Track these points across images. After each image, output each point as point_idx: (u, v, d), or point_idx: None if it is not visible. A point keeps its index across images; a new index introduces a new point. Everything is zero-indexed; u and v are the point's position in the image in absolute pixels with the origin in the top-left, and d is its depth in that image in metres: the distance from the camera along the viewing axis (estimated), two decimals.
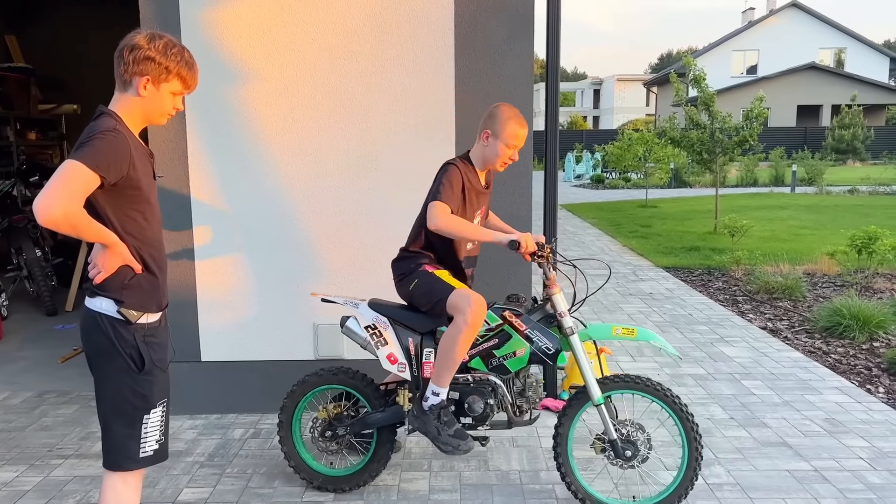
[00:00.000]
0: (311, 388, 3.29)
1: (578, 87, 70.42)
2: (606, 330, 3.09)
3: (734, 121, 11.43)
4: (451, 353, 2.97)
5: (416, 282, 3.09)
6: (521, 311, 3.09)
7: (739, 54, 40.99)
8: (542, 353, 3.04)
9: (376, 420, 3.24)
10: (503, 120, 3.07)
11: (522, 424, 3.16)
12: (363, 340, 3.20)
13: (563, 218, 14.38)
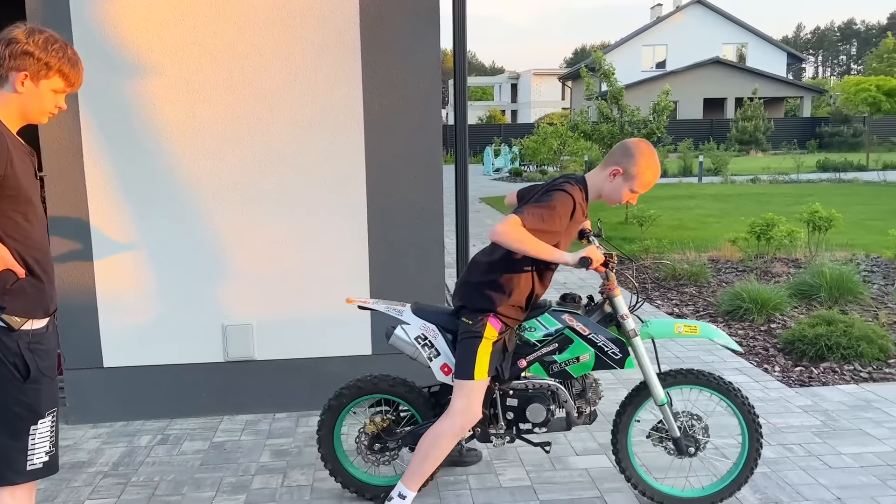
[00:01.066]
0: (352, 400, 3.12)
1: (496, 82, 71.19)
2: (668, 328, 2.96)
3: (642, 114, 11.79)
4: (435, 451, 2.84)
5: (469, 323, 2.83)
6: (580, 313, 2.95)
7: (649, 49, 42.36)
8: (609, 357, 2.90)
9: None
10: (640, 167, 2.75)
11: (581, 425, 3.07)
12: (413, 351, 3.02)
13: (483, 211, 14.53)
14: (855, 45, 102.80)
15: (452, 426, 2.82)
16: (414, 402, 3.10)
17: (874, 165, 23.01)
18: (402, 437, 3.10)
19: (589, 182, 2.86)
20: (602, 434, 3.84)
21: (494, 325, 2.83)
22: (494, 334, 2.83)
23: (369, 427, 3.14)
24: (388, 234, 4.11)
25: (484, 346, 2.80)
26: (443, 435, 2.83)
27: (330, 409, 3.12)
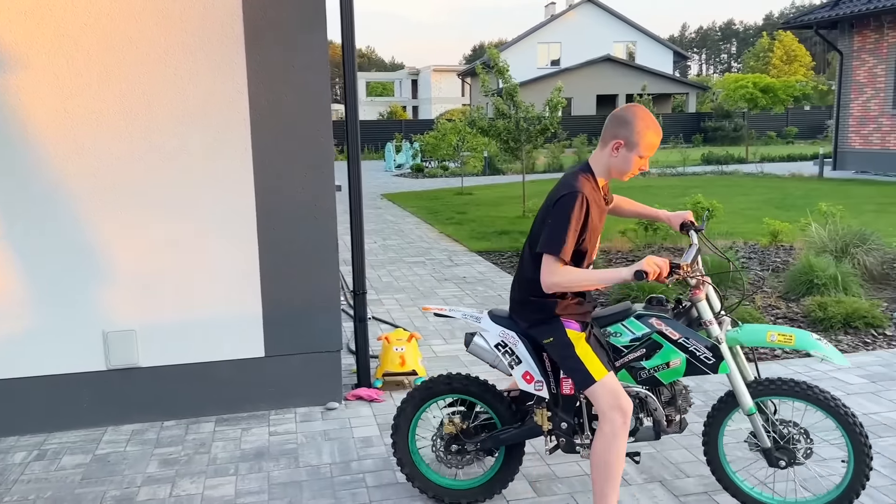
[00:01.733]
0: (432, 397, 3.03)
1: (396, 78, 71.12)
2: (760, 335, 2.78)
3: (537, 110, 12.05)
4: (607, 466, 2.65)
5: (551, 340, 2.76)
6: (669, 317, 2.82)
7: (544, 46, 43.38)
8: (702, 363, 2.75)
9: (511, 437, 3.01)
10: (639, 130, 2.67)
11: (672, 433, 2.92)
12: (493, 358, 2.93)
13: (384, 207, 14.49)
14: (735, 45, 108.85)
15: (614, 426, 2.63)
16: (495, 406, 3.00)
17: (752, 158, 24.46)
18: (482, 441, 3.00)
19: (594, 165, 2.78)
20: None
21: (571, 326, 2.74)
22: (578, 334, 2.74)
23: (448, 427, 3.03)
24: (279, 232, 4.03)
25: (580, 348, 2.70)
26: (609, 441, 2.64)
27: (404, 409, 3.03)
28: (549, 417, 2.92)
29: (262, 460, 3.54)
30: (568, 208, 2.60)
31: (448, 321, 5.97)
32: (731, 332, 2.80)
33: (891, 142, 18.32)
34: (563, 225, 2.60)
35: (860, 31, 18.89)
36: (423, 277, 7.72)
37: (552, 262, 2.60)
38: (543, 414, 2.92)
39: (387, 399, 4.28)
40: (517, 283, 2.89)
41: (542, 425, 2.93)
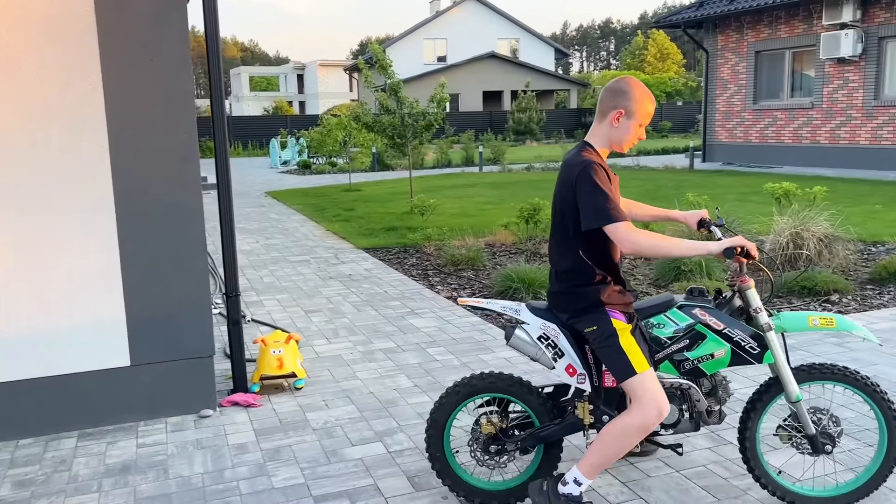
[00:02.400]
0: (468, 397, 2.91)
1: (281, 72, 69.55)
2: (802, 321, 2.83)
3: (421, 106, 12.09)
4: (616, 445, 2.66)
5: (594, 329, 2.70)
6: (712, 307, 2.81)
7: (430, 42, 43.62)
8: (747, 353, 2.75)
9: (552, 434, 2.91)
10: (637, 98, 2.72)
11: (712, 424, 2.90)
12: (535, 352, 2.84)
13: (268, 205, 14.13)
14: (613, 43, 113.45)
15: (646, 420, 2.61)
16: (532, 404, 2.91)
17: (630, 151, 25.58)
18: (521, 440, 2.92)
19: (593, 140, 2.78)
20: (381, 421, 3.88)
21: (615, 316, 2.70)
22: (623, 324, 2.70)
23: (486, 427, 2.92)
24: (142, 233, 3.82)
25: (624, 338, 2.66)
26: (631, 428, 2.63)
27: (442, 406, 2.91)
28: (590, 411, 2.87)
29: (128, 474, 3.36)
30: (590, 178, 2.60)
31: (331, 320, 5.89)
32: (774, 320, 2.81)
33: (752, 135, 19.64)
34: (598, 192, 2.58)
35: (723, 31, 20.12)
36: (307, 276, 7.58)
37: (619, 228, 2.57)
38: (585, 407, 2.87)
39: (264, 403, 4.16)
40: (555, 276, 2.84)
41: (583, 419, 2.87)
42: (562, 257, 2.78)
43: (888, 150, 16.41)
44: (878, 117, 16.58)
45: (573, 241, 2.72)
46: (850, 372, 2.83)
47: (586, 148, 2.75)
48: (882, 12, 16.28)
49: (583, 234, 2.69)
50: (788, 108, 18.60)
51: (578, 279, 2.73)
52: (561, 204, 2.75)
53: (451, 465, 2.98)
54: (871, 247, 8.15)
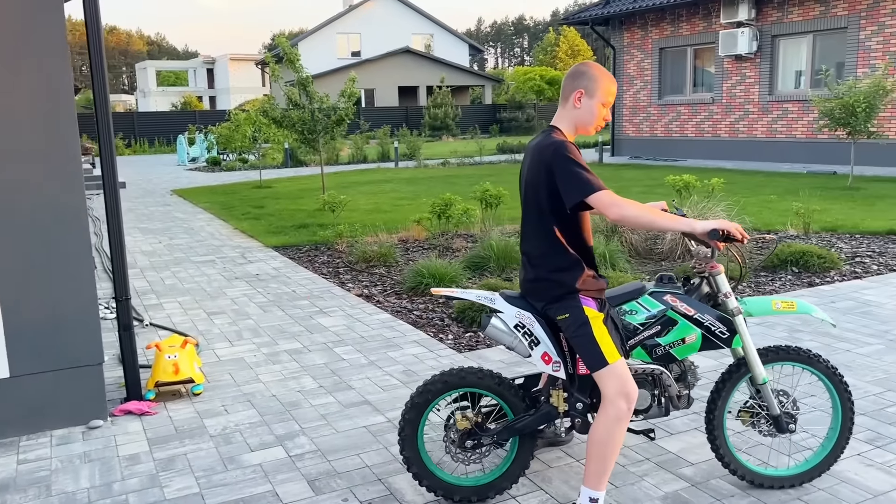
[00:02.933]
0: (440, 395, 2.85)
1: (190, 67, 67.34)
2: (766, 305, 2.91)
3: (332, 101, 11.90)
4: (608, 446, 2.64)
5: (567, 316, 2.70)
6: (682, 294, 2.85)
7: (343, 37, 43.11)
8: (717, 337, 2.81)
9: (528, 424, 2.89)
10: (595, 77, 2.72)
11: (681, 409, 2.95)
12: (511, 341, 2.81)
13: (174, 204, 13.62)
14: (526, 39, 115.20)
15: (619, 412, 2.62)
16: (505, 396, 2.88)
17: None
18: (497, 433, 2.89)
19: (559, 124, 2.76)
20: (282, 425, 3.78)
21: (588, 304, 2.71)
22: (595, 312, 2.70)
23: (461, 423, 2.88)
24: (18, 236, 3.58)
25: (596, 326, 2.67)
26: (612, 424, 2.63)
27: (414, 406, 2.84)
28: (565, 399, 2.88)
29: (6, 493, 3.14)
30: (566, 155, 2.58)
31: (235, 322, 5.71)
32: (741, 305, 2.89)
33: (658, 129, 20.32)
34: (576, 167, 2.57)
35: (629, 28, 20.71)
36: (212, 277, 7.34)
37: (602, 196, 2.54)
38: (560, 395, 2.88)
39: (160, 411, 3.98)
40: (528, 263, 2.82)
41: (557, 407, 2.88)
42: (535, 243, 2.78)
43: (782, 143, 17.28)
44: (772, 112, 17.44)
45: (547, 225, 2.72)
46: (808, 353, 2.96)
47: (555, 131, 2.74)
48: (774, 11, 17.12)
49: (558, 217, 2.70)
50: (691, 104, 19.33)
51: (552, 265, 2.74)
52: (533, 189, 2.72)
53: (427, 464, 2.93)
54: (765, 235, 8.54)
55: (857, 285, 6.24)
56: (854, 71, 15.44)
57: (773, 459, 3.26)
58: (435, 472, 2.93)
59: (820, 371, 2.97)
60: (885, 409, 3.76)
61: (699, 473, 3.17)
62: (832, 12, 16.00)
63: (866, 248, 7.70)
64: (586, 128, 2.77)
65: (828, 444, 3.05)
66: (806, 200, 9.28)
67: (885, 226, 8.66)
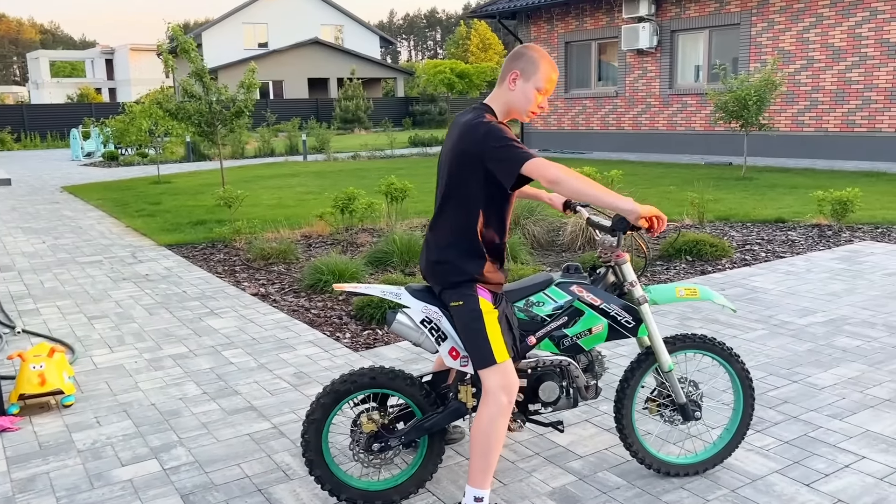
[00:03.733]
0: (344, 398, 2.72)
1: (87, 57, 64.12)
2: (670, 293, 2.90)
3: (231, 92, 11.47)
4: (490, 441, 2.57)
5: (461, 304, 2.62)
6: (588, 284, 2.83)
7: (250, 27, 41.92)
8: (623, 327, 2.81)
9: (436, 423, 2.78)
10: (535, 60, 2.58)
11: (588, 399, 2.93)
12: (417, 337, 2.73)
13: (63, 202, 12.85)
14: (439, 32, 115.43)
15: (499, 405, 2.56)
16: (413, 395, 2.78)
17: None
18: (405, 433, 2.78)
19: (493, 104, 2.64)
20: (159, 436, 3.54)
21: (485, 296, 2.62)
22: (490, 307, 2.62)
23: (367, 426, 2.76)
24: None
25: (489, 322, 2.59)
26: (493, 418, 2.56)
27: (321, 406, 2.70)
28: (473, 394, 2.79)
29: None
30: (499, 135, 2.46)
31: (118, 326, 5.38)
32: (646, 293, 2.89)
33: (565, 123, 20.66)
34: (510, 144, 2.45)
35: (536, 22, 20.95)
36: (97, 279, 6.91)
37: (536, 162, 2.41)
38: (468, 391, 2.79)
39: (24, 426, 3.67)
40: (433, 244, 2.70)
41: (466, 403, 2.79)
42: (447, 224, 2.65)
43: (682, 135, 17.88)
44: (672, 105, 18.01)
45: (466, 207, 2.59)
46: (713, 341, 2.98)
47: (486, 111, 2.61)
48: (673, 7, 17.66)
49: (480, 201, 2.58)
50: (596, 97, 19.74)
51: (459, 249, 2.63)
52: (457, 167, 2.56)
53: (331, 467, 2.79)
54: None
55: (745, 272, 6.46)
56: (747, 66, 16.12)
57: (677, 447, 3.29)
58: (340, 476, 2.81)
59: (723, 358, 3.01)
60: (767, 394, 3.86)
61: (587, 466, 3.15)
62: (726, 9, 16.64)
63: (756, 235, 8.01)
64: (519, 113, 2.66)
65: (731, 428, 3.10)
66: (701, 191, 9.59)
67: (774, 214, 9.05)
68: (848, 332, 4.79)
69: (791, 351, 4.48)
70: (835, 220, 8.34)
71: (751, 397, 3.06)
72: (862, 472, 3.04)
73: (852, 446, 3.26)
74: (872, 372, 4.11)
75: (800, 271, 6.41)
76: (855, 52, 14.62)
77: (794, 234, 7.98)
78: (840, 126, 15.03)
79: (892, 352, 4.41)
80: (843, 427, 3.45)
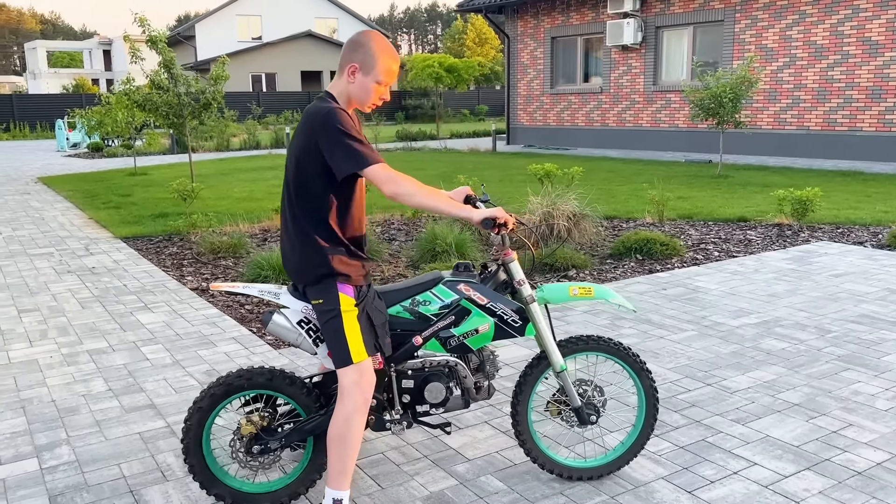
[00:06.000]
0: (222, 400, 2.65)
1: (85, 47, 63.91)
2: (563, 292, 2.82)
3: (201, 84, 11.39)
4: (349, 436, 2.52)
5: (321, 302, 2.55)
6: (476, 282, 2.76)
7: (244, 19, 41.79)
8: (510, 326, 2.75)
9: (318, 425, 2.70)
10: (374, 53, 2.52)
11: (481, 400, 2.86)
12: (295, 338, 2.69)
13: (35, 192, 12.79)
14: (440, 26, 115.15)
15: (354, 403, 2.52)
16: (295, 396, 2.71)
17: (444, 134, 25.99)
18: (285, 436, 2.70)
19: (335, 93, 2.57)
20: (47, 434, 3.47)
21: (346, 291, 2.55)
22: (351, 303, 2.55)
23: (246, 428, 2.68)
24: None
25: (347, 321, 2.54)
26: (349, 416, 2.52)
27: (198, 410, 2.63)
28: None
29: None
30: (335, 125, 2.40)
31: (46, 320, 5.31)
32: (537, 293, 2.83)
33: (551, 118, 20.56)
34: (347, 137, 2.40)
35: (522, 17, 20.83)
36: (42, 271, 6.84)
37: (377, 169, 2.38)
38: None
39: None
40: (287, 240, 2.60)
41: None
42: (297, 219, 2.55)
43: (665, 132, 17.79)
44: (656, 101, 17.91)
45: (313, 197, 2.51)
46: (612, 342, 2.90)
47: (330, 98, 2.56)
48: (658, 3, 17.54)
49: (325, 190, 2.50)
50: (581, 93, 19.64)
51: (314, 243, 2.53)
52: (303, 156, 2.48)
53: (207, 461, 2.72)
54: (624, 223, 8.69)
55: (692, 272, 6.39)
56: (730, 62, 16.01)
57: (581, 450, 3.22)
58: (214, 470, 2.73)
59: (623, 360, 2.93)
60: (676, 397, 3.79)
61: (472, 470, 3.09)
62: (710, 5, 16.52)
63: (714, 234, 7.94)
64: (361, 105, 2.61)
65: (633, 432, 3.01)
66: (661, 188, 9.50)
67: (737, 213, 8.97)
68: (777, 334, 4.72)
69: (714, 353, 4.40)
70: (795, 220, 8.26)
71: (653, 400, 2.96)
72: (748, 479, 2.97)
73: (747, 452, 3.20)
74: (790, 375, 4.04)
75: (747, 271, 6.34)
76: (837, 49, 14.52)
77: (752, 234, 7.90)
78: (821, 125, 14.93)
79: (815, 355, 4.34)
80: (743, 432, 3.38)
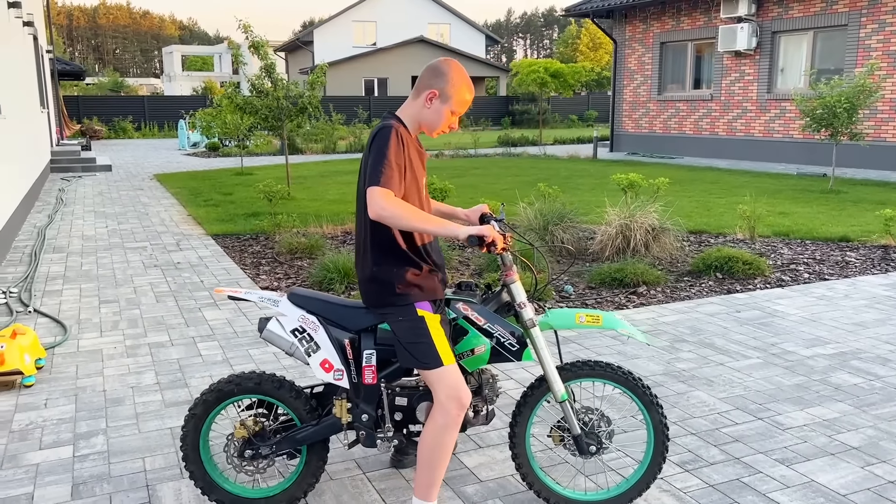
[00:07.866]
0: (221, 402, 2.73)
1: (216, 52, 67.90)
2: (569, 318, 2.72)
3: (299, 88, 11.77)
4: (441, 450, 2.54)
5: (401, 322, 2.56)
6: (476, 302, 2.71)
7: (359, 25, 42.95)
8: (506, 349, 2.66)
9: (309, 436, 2.74)
10: (453, 82, 2.59)
11: (478, 425, 2.78)
12: (289, 346, 2.71)
13: (148, 189, 13.63)
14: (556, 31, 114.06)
15: (448, 417, 2.51)
16: (284, 399, 2.74)
17: (547, 140, 25.68)
18: (276, 443, 2.74)
19: (404, 116, 2.63)
20: (89, 423, 3.66)
21: (424, 308, 2.57)
22: (431, 314, 2.58)
23: (239, 432, 2.75)
24: None
25: (432, 327, 2.55)
26: (442, 430, 2.52)
27: (192, 417, 2.71)
28: (349, 409, 2.73)
29: None
30: (384, 141, 2.46)
31: (121, 312, 5.62)
32: (542, 318, 2.73)
33: (657, 126, 19.88)
34: (381, 157, 2.44)
35: (630, 21, 20.26)
36: (132, 264, 7.26)
37: (375, 191, 2.40)
38: (343, 406, 2.73)
39: None
40: (361, 259, 2.63)
41: (341, 418, 2.73)
42: (368, 238, 2.57)
43: (778, 142, 16.79)
44: (770, 110, 16.94)
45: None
46: (616, 369, 2.74)
47: (394, 119, 2.59)
48: (775, 7, 16.59)
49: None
50: (690, 100, 18.87)
51: (387, 264, 2.55)
52: (364, 171, 2.55)
53: (207, 467, 2.78)
54: (712, 238, 8.24)
55: (774, 294, 5.95)
56: (853, 70, 14.91)
57: (588, 482, 3.06)
58: (213, 476, 2.80)
59: (632, 391, 2.75)
60: (720, 430, 3.53)
61: (480, 492, 2.98)
62: (833, 9, 15.46)
63: (809, 254, 7.38)
64: (430, 130, 2.65)
65: (639, 469, 2.83)
66: (760, 202, 8.94)
67: (840, 232, 8.31)
68: (852, 367, 4.31)
69: (775, 384, 4.07)
70: None
71: (662, 432, 2.75)
72: None
73: (784, 497, 2.92)
74: (855, 415, 3.67)
75: (836, 296, 5.84)
76: None
77: (852, 256, 7.28)
78: None
79: (890, 393, 3.93)
80: (785, 474, 3.10)
